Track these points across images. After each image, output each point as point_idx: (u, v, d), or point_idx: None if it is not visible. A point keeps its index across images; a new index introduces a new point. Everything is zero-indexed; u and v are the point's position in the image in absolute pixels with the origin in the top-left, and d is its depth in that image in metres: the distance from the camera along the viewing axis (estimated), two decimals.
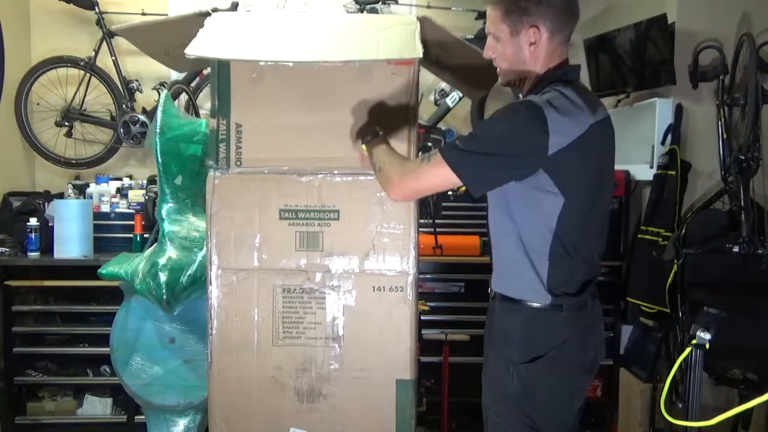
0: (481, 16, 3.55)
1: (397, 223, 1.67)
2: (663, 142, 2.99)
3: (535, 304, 1.51)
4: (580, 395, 1.61)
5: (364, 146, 1.62)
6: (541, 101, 1.41)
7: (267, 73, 1.67)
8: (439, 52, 1.84)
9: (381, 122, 1.65)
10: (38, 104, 3.66)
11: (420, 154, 1.64)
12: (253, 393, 1.74)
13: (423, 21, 1.67)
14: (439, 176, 1.44)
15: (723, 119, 2.79)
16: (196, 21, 1.70)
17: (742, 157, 2.64)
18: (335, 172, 1.68)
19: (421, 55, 1.52)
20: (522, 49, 1.51)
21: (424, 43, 1.60)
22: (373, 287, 1.68)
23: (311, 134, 1.68)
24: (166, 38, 1.89)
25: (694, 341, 1.57)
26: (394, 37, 1.61)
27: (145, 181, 3.46)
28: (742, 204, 2.61)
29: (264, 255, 1.71)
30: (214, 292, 1.73)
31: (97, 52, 3.57)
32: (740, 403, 1.26)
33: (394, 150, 1.58)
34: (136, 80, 3.66)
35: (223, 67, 1.69)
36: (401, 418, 1.70)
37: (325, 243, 1.69)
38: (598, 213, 1.53)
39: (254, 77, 1.67)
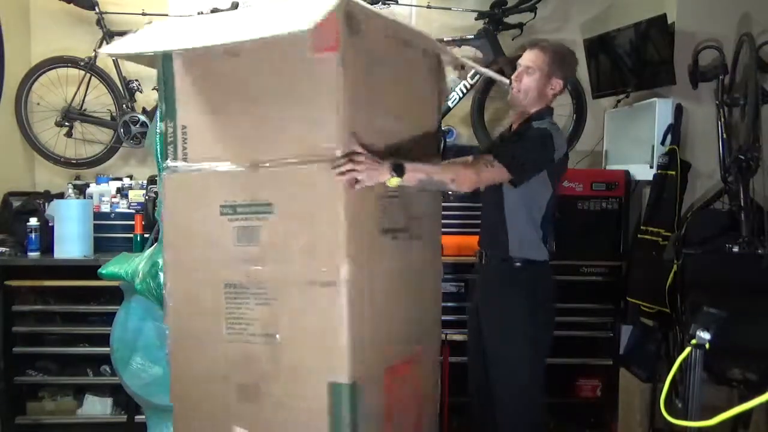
0: (481, 16, 3.54)
1: (330, 216, 1.59)
2: (663, 142, 2.99)
3: (540, 260, 2.15)
4: None
5: (395, 180, 1.65)
6: (550, 129, 2.10)
7: (209, 76, 1.71)
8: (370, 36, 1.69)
9: (307, 115, 1.59)
10: (38, 104, 3.65)
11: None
12: (201, 390, 1.75)
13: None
14: (498, 174, 1.98)
15: (723, 119, 2.79)
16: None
17: (742, 157, 2.64)
18: (268, 165, 1.65)
19: (310, 27, 1.37)
20: (546, 89, 2.14)
21: (353, 20, 1.53)
22: (309, 281, 1.60)
23: (249, 131, 1.68)
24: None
25: (694, 341, 1.57)
26: (304, 13, 1.46)
27: (145, 181, 3.45)
28: (742, 204, 2.61)
29: (207, 251, 1.72)
30: (167, 288, 1.78)
31: (97, 52, 3.57)
32: (740, 403, 1.25)
33: (429, 162, 1.89)
34: (136, 80, 3.65)
35: (167, 72, 1.74)
36: (336, 425, 1.58)
37: (262, 238, 1.66)
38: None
39: (196, 78, 1.71)
